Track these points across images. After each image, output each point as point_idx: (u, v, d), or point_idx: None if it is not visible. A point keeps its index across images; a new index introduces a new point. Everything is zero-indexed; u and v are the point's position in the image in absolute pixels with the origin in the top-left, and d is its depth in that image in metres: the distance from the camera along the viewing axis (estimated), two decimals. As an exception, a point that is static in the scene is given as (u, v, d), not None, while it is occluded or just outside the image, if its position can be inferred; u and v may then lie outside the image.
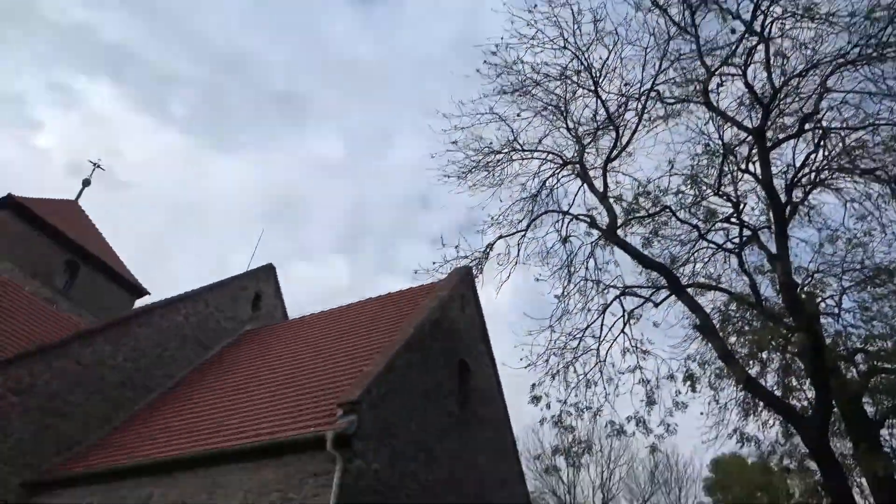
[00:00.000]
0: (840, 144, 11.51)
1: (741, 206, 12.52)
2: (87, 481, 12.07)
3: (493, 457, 14.73)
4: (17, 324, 16.36)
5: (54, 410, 13.43)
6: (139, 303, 27.04)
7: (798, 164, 11.73)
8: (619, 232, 12.37)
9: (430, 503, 11.70)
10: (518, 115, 12.92)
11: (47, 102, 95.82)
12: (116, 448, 13.09)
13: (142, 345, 16.01)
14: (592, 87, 12.40)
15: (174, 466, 11.29)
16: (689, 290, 12.08)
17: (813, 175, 11.97)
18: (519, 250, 12.80)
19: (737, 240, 12.77)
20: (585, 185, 12.88)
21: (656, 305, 12.54)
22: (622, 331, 12.64)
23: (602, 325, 12.60)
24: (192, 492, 10.81)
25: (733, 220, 12.57)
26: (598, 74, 12.28)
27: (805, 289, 12.01)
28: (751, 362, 12.34)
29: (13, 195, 24.55)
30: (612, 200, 12.60)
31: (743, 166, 12.19)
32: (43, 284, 23.90)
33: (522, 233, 13.00)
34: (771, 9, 10.74)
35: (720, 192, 12.46)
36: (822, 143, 11.52)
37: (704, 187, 12.58)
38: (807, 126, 11.30)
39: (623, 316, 12.62)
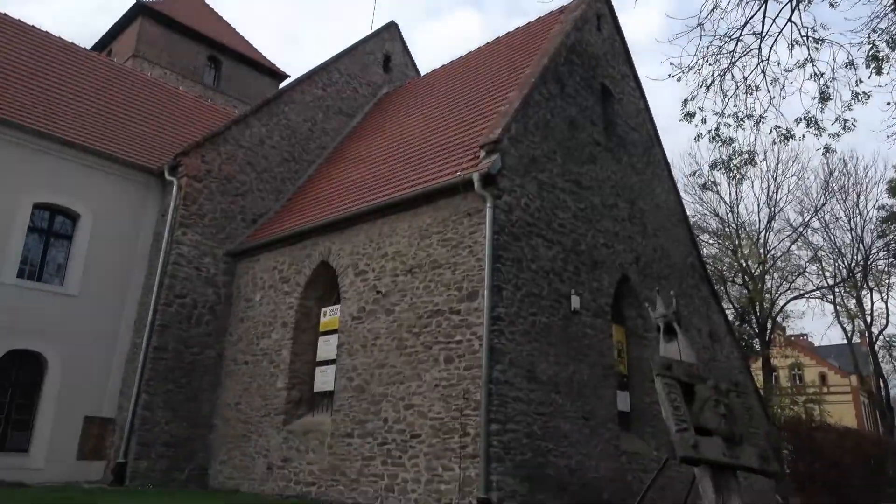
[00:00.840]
0: None
1: None
2: (275, 245, 13.70)
3: (645, 180, 14.40)
4: (181, 121, 17.78)
5: (233, 190, 14.99)
6: (282, 86, 28.10)
7: None
8: None
9: (583, 229, 11.95)
10: None
11: None
12: (294, 214, 14.53)
13: (292, 122, 16.87)
14: None
15: (344, 224, 12.38)
16: (879, -54, 9.81)
17: None
18: (657, -56, 10.92)
19: None
20: None
21: (834, -23, 10.45)
22: (789, 19, 10.69)
23: (764, 16, 10.66)
24: (363, 242, 11.91)
25: None
26: None
27: None
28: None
29: (141, 1, 25.22)
30: None
31: None
32: (194, 83, 25.41)
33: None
34: None
35: None
36: None
37: None
38: None
39: (790, 0, 10.74)
